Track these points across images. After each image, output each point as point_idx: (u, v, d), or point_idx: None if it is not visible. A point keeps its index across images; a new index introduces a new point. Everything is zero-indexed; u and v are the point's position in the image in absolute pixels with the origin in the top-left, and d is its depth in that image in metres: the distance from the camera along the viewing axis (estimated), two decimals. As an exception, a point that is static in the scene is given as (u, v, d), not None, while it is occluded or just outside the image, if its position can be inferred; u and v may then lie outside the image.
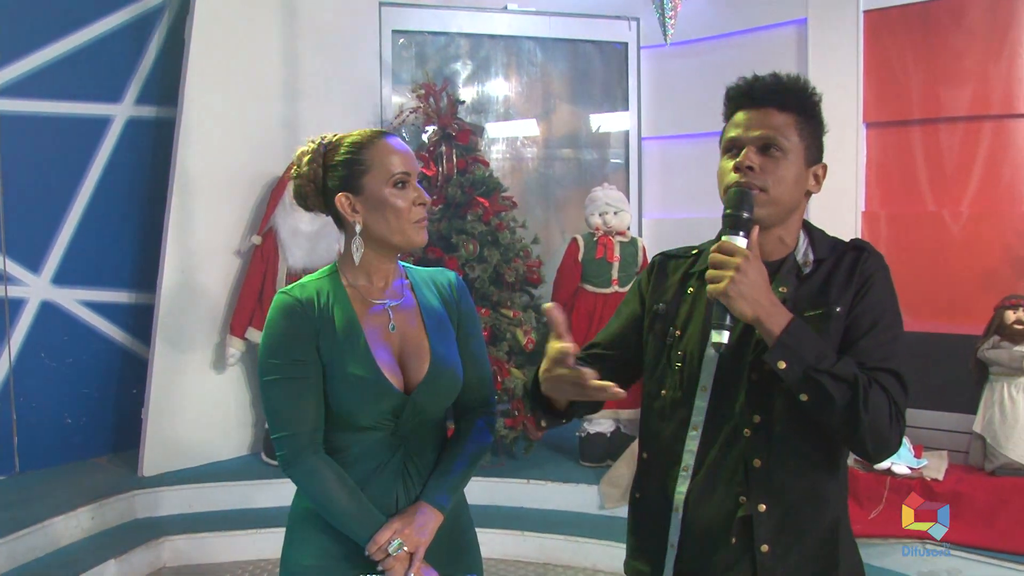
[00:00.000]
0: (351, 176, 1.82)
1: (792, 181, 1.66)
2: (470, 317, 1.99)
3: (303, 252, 4.80)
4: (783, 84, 1.66)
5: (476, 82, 5.86)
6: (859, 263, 1.65)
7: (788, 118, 1.65)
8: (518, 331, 4.78)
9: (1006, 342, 3.88)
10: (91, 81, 4.93)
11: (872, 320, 1.60)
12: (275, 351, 1.80)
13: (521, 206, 5.32)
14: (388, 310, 1.87)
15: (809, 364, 1.51)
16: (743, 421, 1.64)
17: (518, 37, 5.86)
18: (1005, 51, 4.49)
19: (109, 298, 5.12)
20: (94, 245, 5.01)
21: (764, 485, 1.62)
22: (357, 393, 1.79)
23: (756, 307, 1.53)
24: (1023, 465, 3.78)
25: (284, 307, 1.82)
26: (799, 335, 1.53)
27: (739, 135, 1.67)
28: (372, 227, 1.83)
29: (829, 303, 1.62)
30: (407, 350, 1.86)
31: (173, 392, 4.85)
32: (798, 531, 1.63)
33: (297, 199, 1.91)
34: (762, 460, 1.62)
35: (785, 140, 1.64)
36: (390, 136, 1.86)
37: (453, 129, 5.02)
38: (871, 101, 4.90)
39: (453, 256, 4.72)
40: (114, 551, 3.99)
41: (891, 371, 1.57)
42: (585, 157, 6.09)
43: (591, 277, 4.87)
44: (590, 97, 6.05)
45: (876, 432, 1.53)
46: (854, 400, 1.50)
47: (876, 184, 4.98)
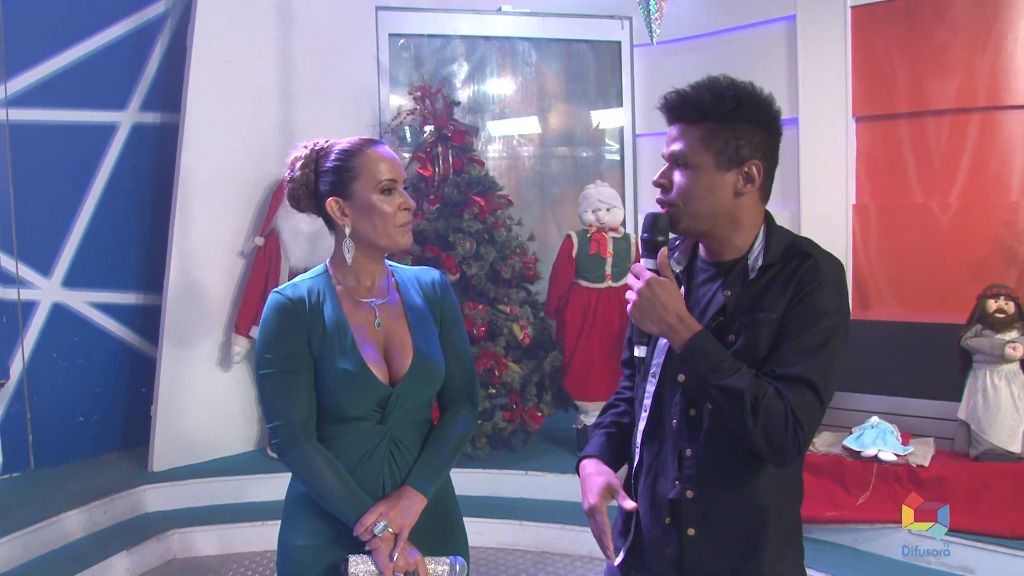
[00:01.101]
0: (341, 182, 1.94)
1: (705, 191, 1.69)
2: (452, 314, 2.11)
3: (304, 252, 4.91)
4: (687, 98, 1.69)
5: (473, 83, 5.96)
6: (800, 270, 1.66)
7: (694, 130, 1.69)
8: (515, 326, 4.88)
9: (988, 330, 3.95)
10: (97, 89, 5.06)
11: (800, 326, 1.62)
12: (269, 346, 1.92)
13: (517, 204, 5.41)
14: (374, 308, 1.99)
15: (702, 376, 1.63)
16: (678, 412, 1.75)
17: (513, 38, 5.95)
18: (990, 43, 4.56)
19: (117, 299, 5.25)
20: (102, 248, 5.14)
21: (693, 473, 1.72)
22: (345, 386, 1.91)
23: (659, 324, 1.67)
24: (1006, 450, 3.86)
25: (277, 305, 1.94)
26: (696, 350, 1.64)
27: (662, 152, 1.76)
28: (360, 230, 1.95)
29: (765, 309, 1.66)
30: (391, 345, 1.98)
31: (181, 390, 4.97)
32: (723, 518, 1.71)
33: (290, 201, 2.04)
34: (692, 450, 1.73)
35: (692, 154, 1.69)
36: (379, 144, 1.98)
37: (449, 130, 5.11)
38: (860, 95, 4.98)
39: (450, 254, 4.82)
40: (125, 544, 4.12)
41: (804, 379, 1.60)
42: (580, 155, 6.18)
43: (585, 272, 4.96)
44: (584, 96, 6.14)
45: (769, 440, 1.59)
46: (742, 411, 1.58)
47: (866, 177, 5.05)
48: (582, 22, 5.96)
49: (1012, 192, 4.60)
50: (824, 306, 1.63)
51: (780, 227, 1.77)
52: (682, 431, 1.74)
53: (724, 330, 1.69)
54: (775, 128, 1.73)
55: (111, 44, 5.08)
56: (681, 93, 1.71)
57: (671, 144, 1.72)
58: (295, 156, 2.01)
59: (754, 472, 1.70)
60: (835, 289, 1.66)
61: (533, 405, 4.94)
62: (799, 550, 1.80)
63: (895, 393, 4.40)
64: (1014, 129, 4.62)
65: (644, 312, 1.67)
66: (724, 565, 1.71)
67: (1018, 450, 3.86)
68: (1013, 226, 4.55)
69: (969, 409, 3.97)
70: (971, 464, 3.90)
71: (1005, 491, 3.73)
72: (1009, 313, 3.93)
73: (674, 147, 1.71)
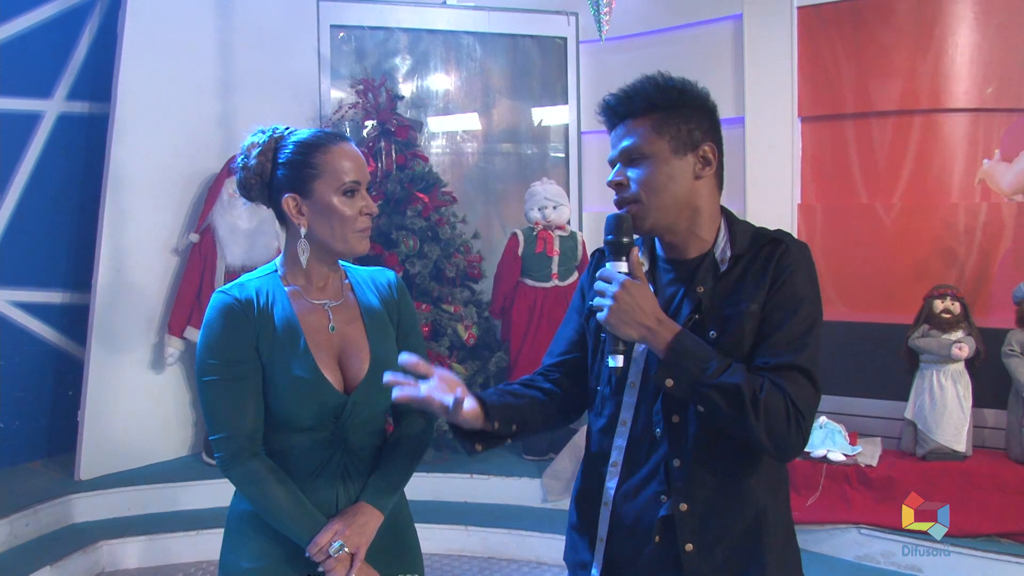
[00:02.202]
0: (300, 178, 1.80)
1: (666, 179, 1.66)
2: (410, 316, 2.00)
3: (241, 250, 4.74)
4: (631, 93, 1.68)
5: (416, 77, 5.84)
6: (775, 257, 1.64)
7: (643, 121, 1.67)
8: (459, 326, 4.80)
9: (935, 330, 3.99)
10: (19, 76, 4.80)
11: (783, 315, 1.59)
12: (213, 351, 1.78)
13: (461, 201, 5.32)
14: (328, 310, 1.87)
15: (694, 378, 1.54)
16: (661, 421, 1.66)
17: (457, 32, 5.85)
18: (932, 47, 4.60)
19: (42, 298, 5.00)
20: (26, 245, 4.88)
21: (684, 484, 1.64)
22: (297, 394, 1.78)
23: (639, 329, 1.58)
24: (952, 450, 3.90)
25: (223, 307, 1.80)
26: (681, 351, 1.56)
27: (610, 156, 1.71)
28: (316, 232, 1.82)
29: (743, 300, 1.62)
30: (347, 350, 1.86)
31: (110, 393, 4.76)
32: (720, 528, 1.64)
33: (240, 189, 1.89)
34: (681, 460, 1.64)
35: (645, 145, 1.66)
36: (344, 141, 1.85)
37: (392, 124, 5.00)
38: (805, 96, 4.98)
39: (393, 252, 4.71)
40: (50, 557, 3.90)
41: (796, 367, 1.56)
42: (525, 152, 6.10)
43: (531, 271, 4.89)
44: (530, 92, 6.06)
45: (772, 434, 1.53)
46: (742, 408, 1.51)
47: (811, 177, 5.07)
48: (528, 17, 5.87)
49: (952, 194, 4.64)
50: (803, 293, 1.62)
51: (739, 218, 1.76)
52: (667, 441, 1.65)
53: (702, 327, 1.63)
54: (717, 117, 1.74)
55: (36, 27, 4.82)
56: (624, 91, 1.69)
57: (620, 142, 1.69)
58: (252, 142, 1.86)
59: (747, 474, 1.64)
60: (808, 273, 1.65)
61: (478, 407, 4.83)
62: (796, 550, 1.74)
63: (842, 393, 4.43)
64: (954, 132, 4.67)
65: (622, 317, 1.57)
66: None
67: (963, 449, 3.91)
68: (953, 227, 4.60)
69: (916, 409, 4.01)
70: (918, 463, 3.94)
71: (952, 490, 3.77)
72: (955, 313, 3.97)
73: (624, 144, 1.68)
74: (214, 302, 1.81)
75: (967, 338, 3.93)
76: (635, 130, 1.67)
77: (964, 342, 3.91)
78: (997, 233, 4.46)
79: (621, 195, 1.68)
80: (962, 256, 4.53)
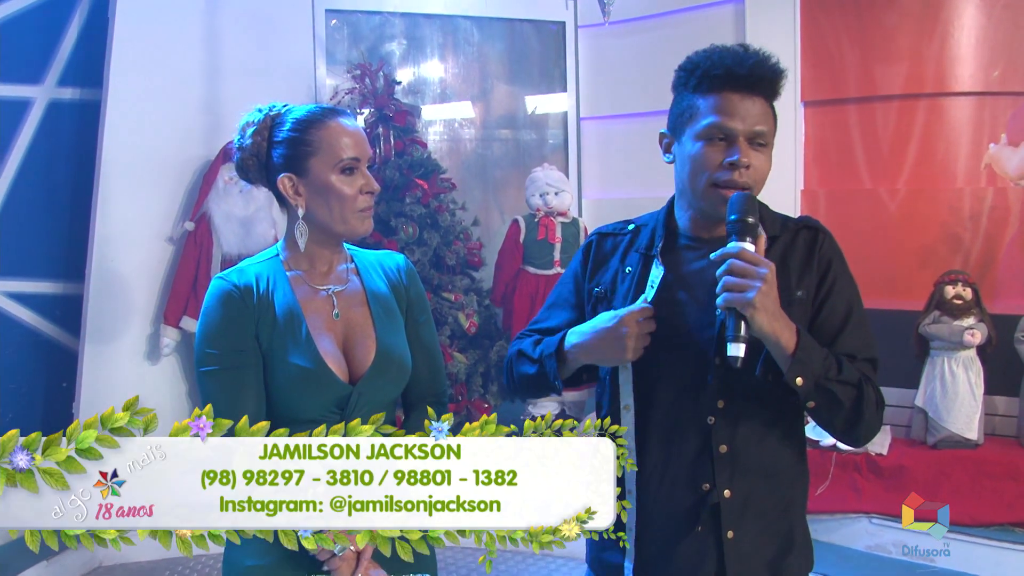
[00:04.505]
0: (296, 156, 1.73)
1: (767, 172, 1.63)
2: (420, 303, 1.92)
3: (237, 237, 4.65)
4: (778, 72, 1.60)
5: (412, 62, 5.75)
6: (816, 245, 1.63)
7: (768, 107, 1.61)
8: (460, 314, 4.74)
9: (946, 317, 3.95)
10: (8, 61, 4.69)
11: (847, 310, 1.61)
12: (212, 340, 1.71)
13: (460, 188, 5.25)
14: (332, 296, 1.79)
15: (820, 375, 1.50)
16: (707, 408, 1.60)
17: (454, 16, 5.75)
18: (937, 30, 4.54)
19: (34, 288, 4.90)
20: (16, 234, 4.77)
21: (729, 471, 1.60)
22: (299, 384, 1.71)
23: (774, 322, 1.48)
24: (963, 438, 3.86)
25: (221, 293, 1.72)
26: (809, 349, 1.51)
27: (734, 126, 1.57)
28: (315, 212, 1.74)
29: (790, 287, 1.59)
30: (352, 338, 1.78)
31: (105, 385, 4.68)
32: (758, 512, 1.62)
33: (238, 171, 1.81)
34: (728, 445, 1.59)
35: (771, 133, 1.61)
36: (342, 115, 1.77)
37: (390, 110, 4.92)
38: (808, 80, 4.92)
39: (392, 239, 4.65)
40: (45, 552, 3.83)
41: (871, 360, 1.60)
42: (523, 138, 6.02)
43: (533, 259, 4.84)
44: (528, 77, 5.98)
45: (870, 424, 1.57)
46: (859, 401, 1.52)
47: (815, 162, 5.01)
48: (526, 1, 5.79)
49: (957, 179, 4.60)
50: (854, 284, 1.65)
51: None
52: (712, 428, 1.61)
53: None
54: None
55: (24, 11, 4.71)
56: (770, 63, 1.59)
57: (755, 123, 1.58)
58: (247, 121, 1.78)
59: (784, 459, 1.65)
60: (845, 261, 1.68)
61: (479, 396, 4.79)
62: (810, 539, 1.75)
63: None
64: (959, 116, 4.62)
65: (767, 305, 1.47)
66: (763, 563, 1.62)
67: (975, 437, 3.86)
68: (959, 212, 4.55)
69: (927, 396, 3.97)
70: (929, 452, 3.90)
71: (963, 478, 3.74)
72: (967, 299, 3.93)
73: (760, 127, 1.58)
74: (212, 289, 1.74)
75: (979, 324, 3.89)
76: (768, 112, 1.61)
77: (976, 328, 3.87)
78: (1003, 218, 4.41)
79: (744, 180, 1.57)
80: (968, 241, 4.49)
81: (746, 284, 1.46)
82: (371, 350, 1.77)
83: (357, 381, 1.76)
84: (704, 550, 1.61)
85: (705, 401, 1.61)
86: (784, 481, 1.65)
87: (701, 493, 1.61)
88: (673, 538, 1.63)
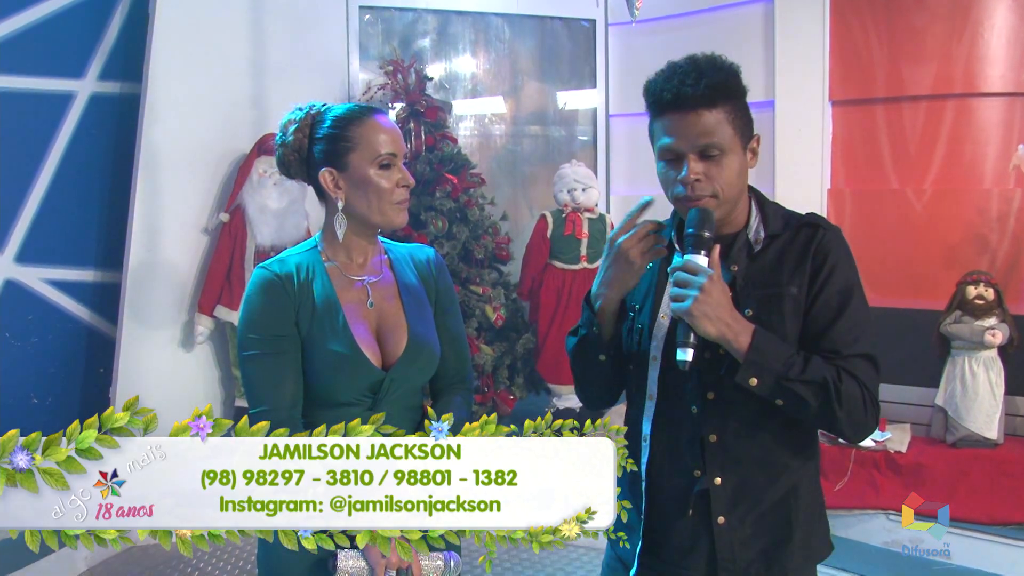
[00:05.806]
0: (336, 152, 1.82)
1: (736, 176, 1.64)
2: (448, 294, 2.00)
3: (271, 229, 4.75)
4: (709, 84, 1.59)
5: (443, 59, 5.83)
6: (814, 241, 1.64)
7: (719, 113, 1.60)
8: (487, 307, 4.81)
9: (967, 317, 3.95)
10: (52, 56, 4.81)
11: (840, 303, 1.61)
12: (254, 326, 1.80)
13: (489, 183, 5.32)
14: (367, 286, 1.88)
15: (779, 374, 1.55)
16: (695, 398, 1.67)
17: (486, 13, 5.82)
18: (967, 30, 4.54)
19: (74, 276, 5.02)
20: (58, 223, 4.90)
21: (719, 459, 1.65)
22: (335, 369, 1.80)
23: (720, 326, 1.55)
24: (983, 437, 3.87)
25: (264, 281, 1.82)
26: (764, 349, 1.56)
27: (679, 146, 1.62)
28: (354, 205, 1.83)
29: (782, 283, 1.63)
30: (385, 326, 1.87)
31: (141, 371, 4.79)
32: (752, 501, 1.66)
33: (280, 167, 1.91)
34: (717, 435, 1.65)
35: (722, 139, 1.60)
36: (379, 114, 1.86)
37: (421, 106, 4.99)
38: (837, 79, 4.93)
39: (422, 233, 4.72)
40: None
41: (863, 355, 1.61)
42: (553, 134, 6.08)
43: (560, 254, 4.89)
44: (558, 74, 6.04)
45: (852, 422, 1.58)
46: (827, 400, 1.55)
47: (841, 162, 5.02)
48: (557, -1, 5.85)
49: (985, 179, 4.59)
50: (852, 279, 1.65)
51: (767, 198, 1.75)
52: (702, 418, 1.66)
53: (737, 306, 1.62)
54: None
55: (67, 7, 4.82)
56: (692, 75, 1.59)
57: (695, 136, 1.60)
58: (289, 119, 1.88)
59: (781, 449, 1.67)
60: (849, 258, 1.67)
61: (505, 388, 4.86)
62: (826, 523, 1.76)
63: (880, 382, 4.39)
64: (988, 116, 4.61)
65: (706, 311, 1.53)
66: (756, 550, 1.66)
67: (995, 436, 3.87)
68: (986, 213, 4.54)
69: (947, 395, 3.98)
70: (948, 450, 3.91)
71: (982, 477, 3.74)
72: (989, 300, 3.93)
73: (701, 140, 1.60)
74: (254, 277, 1.84)
75: (1000, 324, 3.89)
76: (710, 122, 1.59)
77: (998, 328, 3.87)
78: (1030, 220, 4.41)
79: (697, 194, 1.62)
80: (994, 243, 4.48)
81: (684, 294, 1.55)
82: (403, 338, 1.87)
83: (390, 367, 1.85)
84: (696, 535, 1.68)
85: (695, 393, 1.67)
86: (783, 473, 1.66)
87: (693, 479, 1.67)
88: (670, 522, 1.71)
